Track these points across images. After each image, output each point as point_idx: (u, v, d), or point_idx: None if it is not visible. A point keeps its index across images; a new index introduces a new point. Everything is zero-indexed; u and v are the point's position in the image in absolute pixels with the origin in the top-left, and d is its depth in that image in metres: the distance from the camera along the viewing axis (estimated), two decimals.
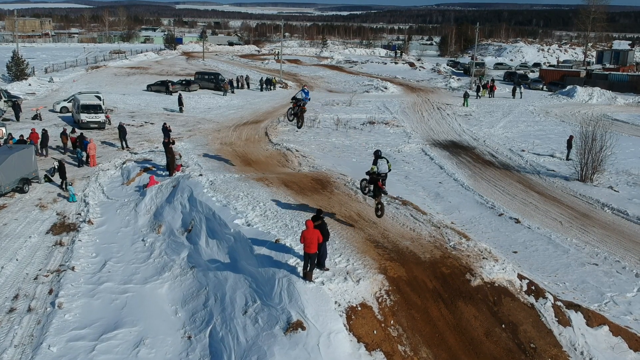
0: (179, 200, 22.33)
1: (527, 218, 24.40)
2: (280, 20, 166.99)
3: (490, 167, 33.03)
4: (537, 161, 34.19)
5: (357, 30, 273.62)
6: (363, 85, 69.97)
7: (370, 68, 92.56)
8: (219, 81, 62.62)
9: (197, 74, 66.15)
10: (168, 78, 67.32)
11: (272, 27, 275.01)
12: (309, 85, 69.78)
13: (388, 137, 40.29)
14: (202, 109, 51.39)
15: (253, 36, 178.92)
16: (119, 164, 30.37)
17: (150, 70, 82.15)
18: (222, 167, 27.50)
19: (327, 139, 38.88)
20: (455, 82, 71.59)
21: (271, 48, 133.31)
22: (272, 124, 44.01)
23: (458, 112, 51.84)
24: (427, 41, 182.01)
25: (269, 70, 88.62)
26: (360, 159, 33.67)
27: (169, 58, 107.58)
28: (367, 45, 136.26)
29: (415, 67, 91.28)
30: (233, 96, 59.47)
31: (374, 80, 72.89)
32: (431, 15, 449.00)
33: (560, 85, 67.11)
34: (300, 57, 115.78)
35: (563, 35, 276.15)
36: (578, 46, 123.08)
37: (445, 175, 30.69)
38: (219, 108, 51.96)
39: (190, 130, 40.99)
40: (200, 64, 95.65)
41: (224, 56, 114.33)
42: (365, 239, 17.15)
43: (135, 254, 20.21)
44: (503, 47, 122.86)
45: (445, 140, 40.46)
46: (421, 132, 42.92)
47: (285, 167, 28.75)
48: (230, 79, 64.78)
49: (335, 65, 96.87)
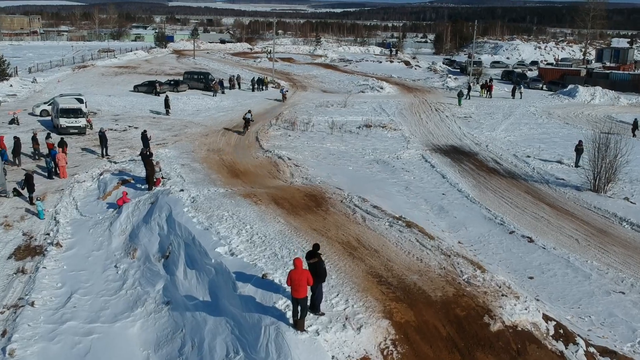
0: (157, 221, 19.98)
1: (541, 236, 22.19)
2: (273, 17, 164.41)
3: (495, 176, 30.81)
4: (545, 168, 32.01)
5: (350, 28, 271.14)
6: (358, 85, 67.65)
7: (365, 67, 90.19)
8: (209, 81, 60.16)
9: (186, 74, 63.64)
10: (156, 78, 64.83)
11: (265, 24, 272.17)
12: (300, 84, 67.58)
13: (386, 142, 38.01)
14: (190, 111, 48.95)
15: (245, 34, 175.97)
16: (96, 175, 27.94)
17: (138, 70, 79.54)
18: (207, 180, 25.14)
19: (321, 145, 36.55)
20: (452, 82, 69.40)
21: (264, 46, 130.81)
22: (263, 127, 41.66)
23: (457, 114, 49.62)
24: (422, 39, 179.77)
25: (261, 69, 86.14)
26: (357, 167, 31.43)
27: (159, 57, 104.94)
28: (361, 43, 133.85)
29: (410, 66, 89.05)
30: (223, 97, 57.02)
31: (370, 80, 70.60)
32: (425, 12, 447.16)
33: (561, 85, 65.03)
34: (293, 55, 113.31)
35: (557, 32, 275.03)
36: (575, 44, 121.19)
37: (449, 186, 28.44)
38: (208, 110, 49.54)
39: (176, 135, 38.57)
40: (191, 62, 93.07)
41: (216, 54, 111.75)
42: (366, 272, 14.86)
43: (105, 284, 17.87)
44: (499, 45, 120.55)
45: (445, 145, 38.22)
46: (420, 136, 40.66)
47: (276, 178, 26.41)
48: (221, 78, 62.30)
49: (329, 63, 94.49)
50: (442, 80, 72.13)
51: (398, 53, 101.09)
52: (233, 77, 64.81)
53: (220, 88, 59.02)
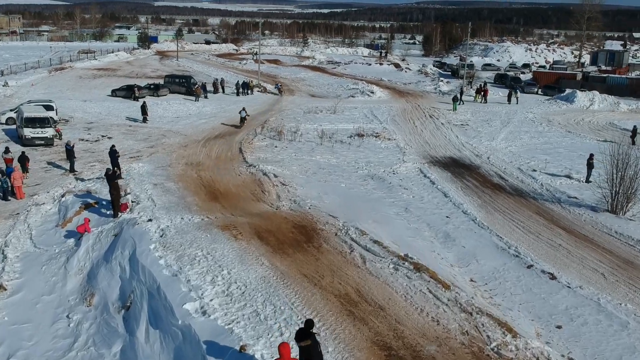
0: (118, 260, 16.88)
1: (562, 270, 19.38)
2: (260, 17, 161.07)
3: (502, 193, 28.01)
4: (554, 184, 29.27)
5: (338, 29, 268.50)
6: (348, 89, 64.72)
7: (354, 69, 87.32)
8: (191, 85, 56.93)
9: (167, 77, 60.30)
10: (135, 82, 61.46)
11: (251, 24, 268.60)
12: (288, 88, 64.42)
13: (380, 154, 35.09)
14: (170, 118, 45.72)
15: (231, 34, 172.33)
16: (57, 197, 24.71)
17: (119, 72, 76.00)
18: (181, 204, 22.01)
19: (310, 157, 33.54)
20: (445, 86, 66.71)
21: (250, 47, 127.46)
22: (247, 137, 38.58)
23: (453, 121, 46.86)
24: (410, 40, 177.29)
25: (247, 71, 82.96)
26: (350, 184, 28.47)
27: (142, 58, 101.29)
28: (350, 44, 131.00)
29: (400, 69, 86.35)
30: (206, 102, 53.82)
31: (359, 84, 67.72)
32: (412, 13, 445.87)
33: (557, 89, 62.58)
34: (280, 57, 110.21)
35: (544, 33, 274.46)
36: (566, 46, 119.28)
37: (452, 206, 25.56)
38: (189, 117, 46.33)
39: (152, 146, 35.35)
40: (174, 64, 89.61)
41: (200, 55, 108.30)
42: (371, 341, 11.89)
43: (53, 341, 14.74)
44: (489, 47, 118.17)
45: (444, 156, 35.38)
46: (416, 147, 37.79)
47: (260, 201, 23.34)
48: (204, 82, 59.03)
49: (317, 66, 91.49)
50: (434, 84, 69.44)
51: (388, 55, 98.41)
52: (217, 80, 61.55)
53: (203, 92, 55.82)
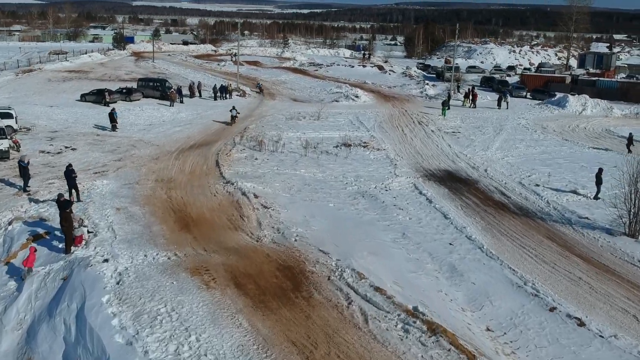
0: (64, 315, 13.71)
1: (589, 311, 16.69)
2: (239, 17, 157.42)
3: (506, 213, 25.31)
4: (560, 202, 26.70)
5: (318, 29, 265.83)
6: (331, 93, 61.82)
7: (336, 71, 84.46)
8: (166, 89, 53.52)
9: (141, 81, 56.72)
10: (108, 85, 57.86)
11: (230, 25, 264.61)
12: (268, 92, 61.05)
13: (369, 166, 32.23)
14: (142, 125, 42.37)
15: (210, 34, 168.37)
16: (4, 224, 21.36)
17: (91, 75, 72.15)
18: (146, 235, 18.86)
19: (294, 170, 30.55)
20: (431, 90, 64.19)
21: (229, 48, 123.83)
22: (225, 147, 35.46)
23: (443, 128, 44.25)
24: (391, 41, 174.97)
25: (226, 73, 79.62)
26: (339, 203, 25.54)
27: (117, 59, 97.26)
28: (331, 45, 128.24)
29: (384, 71, 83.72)
30: (182, 107, 50.51)
31: (343, 87, 64.83)
32: (391, 14, 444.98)
33: (547, 93, 60.43)
34: (260, 58, 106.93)
35: (523, 34, 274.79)
36: (550, 47, 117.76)
37: (454, 230, 22.75)
38: (163, 124, 43.02)
39: (120, 159, 32.03)
40: (150, 66, 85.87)
41: (177, 56, 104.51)
42: None
43: None
44: (472, 49, 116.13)
45: (438, 169, 32.63)
46: (407, 158, 35.00)
47: (238, 230, 20.25)
48: (179, 86, 55.56)
49: (298, 68, 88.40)
50: (420, 87, 66.92)
51: (371, 57, 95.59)
52: (193, 83, 58.16)
53: (178, 97, 52.48)
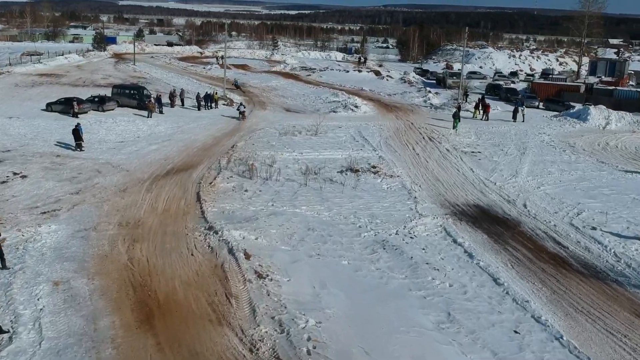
0: None
1: None
2: (227, 18, 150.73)
3: (569, 273, 19.46)
4: (631, 253, 20.96)
5: (307, 30, 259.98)
6: (327, 102, 55.79)
7: (330, 77, 78.44)
8: (144, 97, 47.25)
9: (116, 88, 50.20)
10: (81, 91, 51.45)
11: (217, 25, 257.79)
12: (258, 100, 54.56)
13: (384, 200, 26.31)
14: (113, 142, 36.12)
15: (196, 35, 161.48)
16: None
17: (63, 79, 65.52)
18: (86, 339, 12.75)
19: (293, 207, 24.53)
20: (435, 99, 58.47)
21: (215, 50, 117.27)
22: (209, 173, 29.40)
23: (459, 146, 38.47)
24: (383, 43, 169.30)
25: (212, 78, 73.41)
26: (354, 259, 19.58)
27: (95, 62, 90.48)
28: (322, 47, 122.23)
29: (381, 77, 77.88)
30: (160, 119, 44.30)
31: (339, 95, 58.90)
32: (380, 16, 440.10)
33: (562, 104, 54.95)
34: (248, 61, 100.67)
35: (513, 38, 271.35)
36: (550, 52, 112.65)
37: (514, 306, 16.80)
38: (137, 141, 36.79)
39: (78, 190, 25.80)
40: (130, 69, 79.27)
41: (161, 59, 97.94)
42: None
43: None
44: (470, 53, 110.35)
45: (467, 204, 26.77)
46: (427, 187, 29.11)
47: (223, 324, 14.17)
48: (158, 94, 49.13)
49: (289, 72, 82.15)
50: (422, 96, 61.16)
51: (367, 62, 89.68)
52: (174, 91, 51.78)
53: (157, 107, 46.23)
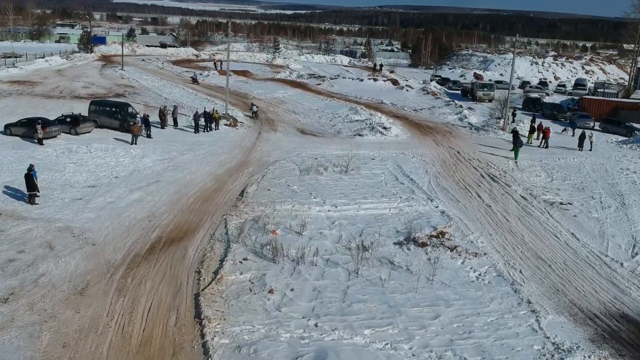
0: None
1: None
2: (222, 17, 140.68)
3: None
4: None
5: (305, 31, 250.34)
6: (348, 121, 46.16)
7: (343, 86, 68.73)
8: (127, 118, 37.60)
9: (94, 105, 40.23)
10: (55, 105, 41.75)
11: (213, 25, 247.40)
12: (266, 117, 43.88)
13: (483, 309, 16.80)
14: (81, 187, 26.43)
15: (192, 35, 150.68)
16: None
17: (38, 88, 55.57)
18: None
19: (350, 333, 15.02)
20: (473, 117, 49.12)
21: (212, 52, 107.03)
22: (212, 249, 19.89)
23: (534, 191, 29.01)
24: (387, 46, 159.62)
25: (210, 87, 63.76)
26: None
27: (80, 65, 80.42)
28: (326, 50, 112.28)
29: (399, 86, 68.33)
30: (148, 145, 34.64)
31: (360, 111, 49.36)
32: (377, 16, 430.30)
33: (624, 126, 45.66)
34: (249, 66, 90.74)
35: (514, 40, 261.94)
36: (575, 59, 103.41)
37: None
38: (114, 185, 27.10)
39: (9, 295, 16.17)
40: (117, 75, 69.29)
41: (152, 62, 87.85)
42: None
43: None
44: (489, 59, 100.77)
45: (606, 311, 17.28)
46: (531, 275, 19.54)
47: None
48: (146, 114, 39.21)
49: (296, 80, 72.17)
50: (454, 112, 51.78)
51: (382, 69, 79.80)
52: (165, 108, 41.92)
53: (144, 130, 36.61)
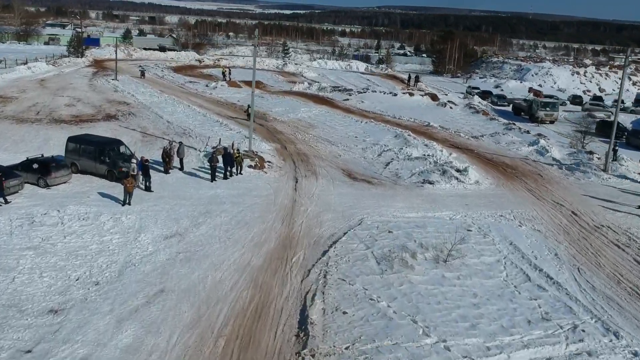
0: None
1: None
2: (221, 16, 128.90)
3: None
4: None
5: (308, 32, 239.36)
6: (404, 157, 35.04)
7: (374, 102, 57.48)
8: (118, 162, 26.66)
9: (72, 142, 28.91)
10: (27, 132, 30.76)
11: (213, 25, 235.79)
12: (295, 146, 32.12)
13: None
14: (36, 311, 15.54)
15: (192, 37, 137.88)
16: None
17: (10, 107, 44.51)
18: None
19: None
20: (556, 151, 38.33)
21: (217, 58, 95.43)
22: None
23: None
24: (400, 49, 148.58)
25: (220, 103, 52.72)
26: None
27: (67, 72, 69.17)
28: (340, 55, 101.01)
29: (440, 103, 57.38)
30: (146, 206, 23.68)
31: (410, 140, 38.44)
32: (377, 17, 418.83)
33: None
34: (258, 74, 79.42)
35: (520, 43, 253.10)
36: (619, 68, 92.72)
37: None
38: (91, 303, 16.14)
39: None
40: (110, 87, 58.11)
41: (151, 70, 76.48)
42: None
43: None
44: (524, 67, 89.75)
45: None
46: None
47: None
48: (143, 158, 28.03)
49: (319, 95, 60.71)
50: (523, 139, 41.13)
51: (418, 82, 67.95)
52: (170, 145, 30.71)
53: (142, 180, 25.71)
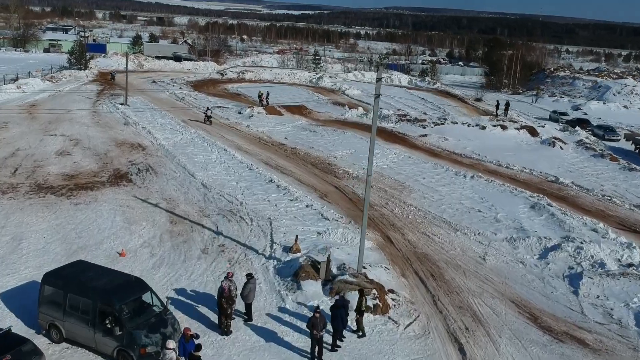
0: None
1: None
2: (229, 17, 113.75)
3: None
4: None
5: (324, 34, 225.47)
6: (597, 268, 21.30)
7: (460, 138, 43.11)
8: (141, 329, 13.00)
9: (52, 284, 15.18)
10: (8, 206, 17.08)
11: (224, 27, 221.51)
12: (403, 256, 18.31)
13: None
14: None
15: (205, 41, 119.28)
16: None
17: None
18: None
19: None
20: None
21: (240, 70, 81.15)
22: None
23: None
24: (431, 57, 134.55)
25: (265, 145, 38.79)
26: None
27: (67, 92, 55.66)
28: (377, 65, 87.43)
29: (544, 141, 43.33)
30: None
31: (563, 218, 24.70)
32: (388, 18, 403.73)
33: None
34: (292, 91, 65.74)
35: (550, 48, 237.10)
36: None
37: None
38: None
39: None
40: (118, 118, 44.37)
41: (167, 87, 62.71)
42: None
43: None
44: (601, 85, 75.15)
45: None
46: None
47: None
48: (189, 334, 14.34)
49: (386, 129, 46.03)
50: None
51: (508, 109, 53.23)
52: (231, 281, 16.67)
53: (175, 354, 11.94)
